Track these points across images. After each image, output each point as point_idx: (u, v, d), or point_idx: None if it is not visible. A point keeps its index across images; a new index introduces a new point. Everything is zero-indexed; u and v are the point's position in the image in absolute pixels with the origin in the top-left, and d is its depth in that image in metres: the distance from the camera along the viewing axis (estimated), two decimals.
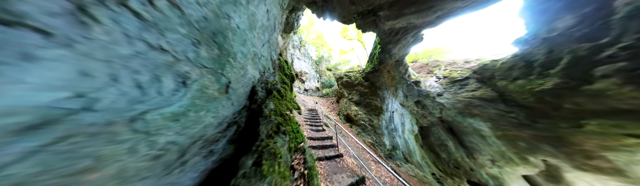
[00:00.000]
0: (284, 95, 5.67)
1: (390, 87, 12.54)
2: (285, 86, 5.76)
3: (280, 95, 5.60)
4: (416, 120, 11.11)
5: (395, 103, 12.46)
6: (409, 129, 11.44)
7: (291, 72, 6.84)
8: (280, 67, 6.27)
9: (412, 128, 11.24)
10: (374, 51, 13.10)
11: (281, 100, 5.63)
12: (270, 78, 4.98)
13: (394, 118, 12.50)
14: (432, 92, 9.52)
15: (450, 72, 8.98)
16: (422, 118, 10.71)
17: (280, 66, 6.24)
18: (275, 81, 5.08)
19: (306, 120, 11.34)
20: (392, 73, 11.75)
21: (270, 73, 5.02)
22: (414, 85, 10.66)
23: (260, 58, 4.51)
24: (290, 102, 6.29)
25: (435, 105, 9.44)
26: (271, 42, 5.35)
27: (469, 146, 7.93)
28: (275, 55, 5.79)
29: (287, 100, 5.79)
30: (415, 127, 11.13)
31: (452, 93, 8.49)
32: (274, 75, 5.29)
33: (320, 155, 6.27)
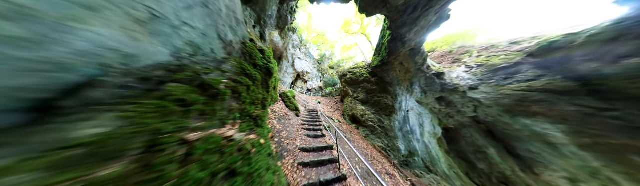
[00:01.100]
0: (242, 94, 3.42)
1: (404, 81, 10.20)
2: (248, 81, 3.54)
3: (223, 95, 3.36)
4: (439, 120, 8.75)
5: (411, 101, 10.11)
6: (429, 131, 9.09)
7: (267, 64, 4.53)
8: (246, 54, 3.96)
9: (434, 130, 8.88)
10: (382, 41, 10.78)
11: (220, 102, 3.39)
12: (209, 65, 2.75)
13: (410, 118, 10.14)
14: (462, 86, 7.19)
15: (488, 58, 6.62)
16: (446, 118, 8.34)
17: (247, 53, 3.94)
18: (212, 70, 2.84)
19: (304, 123, 9.06)
20: (406, 65, 9.43)
21: (212, 58, 2.80)
22: (435, 78, 8.33)
23: (178, 27, 2.30)
24: (254, 105, 4.04)
25: (467, 102, 7.10)
26: (216, 10, 3.12)
27: (526, 157, 5.55)
28: (230, 35, 3.50)
29: (248, 103, 3.56)
30: (437, 128, 8.76)
31: (493, 85, 6.16)
32: (223, 62, 3.07)
33: (314, 179, 3.99)
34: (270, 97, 6.39)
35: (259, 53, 4.95)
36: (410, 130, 10.11)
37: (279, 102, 11.39)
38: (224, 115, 2.70)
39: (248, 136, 3.10)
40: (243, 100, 3.43)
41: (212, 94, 2.46)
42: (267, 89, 5.05)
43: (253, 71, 4.11)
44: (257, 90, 4.21)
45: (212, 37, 3.10)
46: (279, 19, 15.49)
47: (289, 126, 7.99)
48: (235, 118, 3.06)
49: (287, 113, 9.65)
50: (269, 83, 5.11)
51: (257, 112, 3.97)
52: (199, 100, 2.22)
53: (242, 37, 4.49)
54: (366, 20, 16.87)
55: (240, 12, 4.57)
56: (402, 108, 10.56)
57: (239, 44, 4.14)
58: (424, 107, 9.35)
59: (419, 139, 9.56)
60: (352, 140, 10.19)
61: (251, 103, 3.81)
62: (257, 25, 10.73)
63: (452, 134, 8.18)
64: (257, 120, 3.90)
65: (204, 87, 2.37)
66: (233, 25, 4.03)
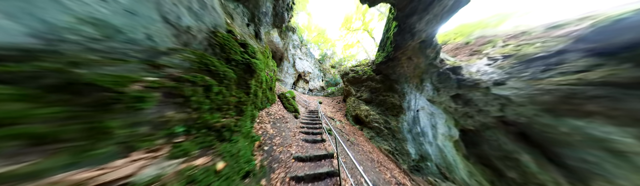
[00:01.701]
0: (192, 98, 2.26)
1: (413, 78, 9.03)
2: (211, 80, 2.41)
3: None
4: (454, 121, 7.56)
5: (421, 100, 8.92)
6: (443, 133, 7.91)
7: (247, 59, 3.34)
8: (215, 46, 2.78)
9: (449, 132, 7.69)
10: (387, 34, 9.62)
11: None
12: (128, 55, 1.63)
13: (420, 118, 8.95)
14: (484, 81, 6.02)
15: (518, 47, 5.43)
16: (464, 119, 7.16)
17: (216, 45, 2.75)
18: (124, 62, 1.71)
19: (303, 125, 7.93)
20: (416, 59, 8.26)
21: (146, 47, 1.69)
22: (450, 73, 7.15)
23: None
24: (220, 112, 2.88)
25: (491, 100, 5.92)
26: None
27: (577, 167, 4.35)
28: (188, 20, 2.30)
29: (207, 110, 2.38)
30: (453, 130, 7.57)
31: (527, 79, 4.98)
32: (165, 54, 1.93)
33: None
34: (256, 100, 5.26)
35: (238, 47, 3.81)
36: (420, 131, 8.92)
37: (277, 103, 10.28)
38: (134, 134, 1.55)
39: (192, 161, 1.96)
40: (195, 107, 2.29)
41: (98, 101, 1.31)
42: (247, 90, 3.90)
43: (222, 67, 2.99)
44: (228, 91, 3.08)
45: (149, 19, 1.96)
46: (275, 17, 14.32)
47: (285, 130, 6.86)
48: (173, 133, 1.92)
49: (284, 115, 8.53)
50: (249, 82, 3.96)
51: (223, 121, 2.83)
52: (40, 115, 1.07)
53: (212, 25, 3.34)
54: (368, 15, 15.76)
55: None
56: (411, 108, 9.38)
57: (203, 33, 3.00)
58: (437, 106, 8.17)
59: (432, 142, 8.37)
60: (356, 143, 9.03)
61: (215, 109, 2.67)
62: (251, 23, 9.64)
63: (471, 136, 6.99)
64: (222, 132, 2.74)
65: (76, 89, 1.22)
66: (194, 8, 2.87)
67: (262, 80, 5.74)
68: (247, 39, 4.94)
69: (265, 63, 8.30)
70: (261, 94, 6.38)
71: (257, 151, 4.44)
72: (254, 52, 4.49)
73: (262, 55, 7.85)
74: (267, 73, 8.65)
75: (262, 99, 7.36)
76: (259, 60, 4.70)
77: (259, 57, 4.85)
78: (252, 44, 4.93)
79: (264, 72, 7.47)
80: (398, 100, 10.06)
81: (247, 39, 5.55)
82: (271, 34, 21.32)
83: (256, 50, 4.87)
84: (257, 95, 5.17)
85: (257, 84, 4.76)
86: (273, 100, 9.61)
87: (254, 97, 4.79)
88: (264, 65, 7.59)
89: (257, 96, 5.26)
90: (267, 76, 8.14)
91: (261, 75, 5.21)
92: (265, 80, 7.64)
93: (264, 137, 5.42)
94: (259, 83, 5.12)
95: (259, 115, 6.94)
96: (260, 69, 4.58)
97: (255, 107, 5.28)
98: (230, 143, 2.81)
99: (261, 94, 6.38)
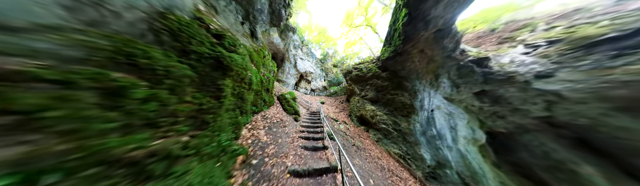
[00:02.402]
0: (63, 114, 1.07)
1: (426, 74, 7.77)
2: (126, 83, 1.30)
3: None
4: (479, 122, 6.30)
5: (436, 98, 7.66)
6: (465, 136, 6.64)
7: (217, 52, 2.01)
8: (167, 32, 1.43)
9: (473, 135, 6.43)
10: (395, 26, 8.39)
11: None
12: None
13: (436, 119, 7.68)
14: (522, 73, 4.77)
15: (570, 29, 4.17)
16: (492, 119, 5.89)
17: (169, 31, 1.41)
18: None
19: (303, 129, 6.71)
20: (429, 52, 7.01)
21: None
22: (473, 66, 5.90)
23: None
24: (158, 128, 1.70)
25: (533, 96, 4.67)
26: None
27: None
28: None
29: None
30: (478, 133, 6.31)
31: (589, 68, 3.73)
32: (20, 33, 0.86)
33: None
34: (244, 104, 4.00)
35: (208, 37, 2.58)
36: (436, 134, 7.64)
37: (276, 105, 9.09)
38: None
39: None
40: (70, 128, 1.09)
41: None
42: (218, 93, 2.65)
43: (167, 61, 1.80)
44: (174, 96, 1.88)
45: None
46: (272, 15, 13.09)
47: (282, 135, 5.65)
48: None
49: (283, 118, 7.33)
50: (220, 83, 2.70)
51: (155, 145, 1.60)
52: None
53: (163, 5, 2.14)
54: (371, 9, 14.55)
55: None
56: (424, 108, 8.12)
57: (138, 12, 1.79)
58: (456, 104, 6.91)
59: (451, 146, 7.09)
60: (362, 148, 7.79)
61: (139, 125, 1.47)
62: (246, 21, 8.45)
63: (503, 141, 5.72)
64: (146, 164, 1.52)
65: None
66: None
67: (250, 81, 4.56)
68: (227, 32, 3.75)
69: (260, 63, 7.13)
70: (252, 97, 5.20)
71: (240, 169, 3.24)
72: (233, 45, 3.26)
73: (256, 54, 6.68)
74: (263, 73, 7.48)
75: (255, 102, 6.18)
76: (240, 55, 3.47)
77: (241, 52, 3.63)
78: (233, 36, 3.74)
79: (258, 72, 6.30)
80: (408, 98, 8.80)
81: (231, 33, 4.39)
82: (271, 34, 20.14)
83: (238, 44, 3.61)
84: (243, 99, 3.96)
85: (239, 85, 3.55)
86: (271, 102, 8.44)
87: (238, 101, 3.58)
88: (257, 64, 6.40)
89: (244, 99, 4.05)
90: (262, 77, 6.97)
91: (246, 74, 4.03)
92: (259, 81, 6.49)
93: (254, 146, 4.21)
94: (245, 84, 3.91)
95: (252, 120, 5.76)
96: (239, 66, 3.35)
97: (242, 113, 4.08)
98: (167, 180, 1.61)
99: (252, 97, 5.20)
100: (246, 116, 4.59)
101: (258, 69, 6.62)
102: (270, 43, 22.92)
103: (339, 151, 3.52)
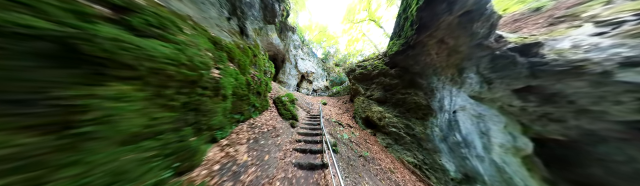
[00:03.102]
0: None
1: (446, 69, 6.33)
2: None
3: None
4: (522, 126, 4.86)
5: (459, 97, 6.22)
6: (503, 144, 5.19)
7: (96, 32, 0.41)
8: None
9: (514, 142, 4.98)
10: (406, 13, 6.98)
11: None
12: None
13: (461, 123, 6.22)
14: (596, 61, 3.33)
15: None
16: (541, 123, 4.45)
17: None
18: None
19: (300, 138, 5.30)
20: (452, 41, 5.58)
21: None
22: (515, 56, 4.46)
23: None
24: None
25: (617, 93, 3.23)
26: None
27: None
28: None
29: None
30: (521, 140, 4.86)
31: None
32: None
33: None
34: (204, 118, 2.57)
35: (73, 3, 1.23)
36: (462, 140, 6.18)
37: (271, 109, 7.73)
38: None
39: None
40: None
41: None
42: (74, 116, 1.26)
43: None
44: None
45: None
46: (265, 10, 11.65)
47: (271, 150, 4.26)
48: None
49: (276, 125, 5.95)
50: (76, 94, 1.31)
51: None
52: None
53: None
54: (374, 3, 13.13)
55: None
56: (444, 109, 6.66)
57: None
58: (487, 104, 5.46)
59: (482, 156, 5.62)
60: (370, 159, 6.37)
61: None
62: (233, 16, 7.09)
63: (559, 151, 4.27)
64: None
65: None
66: None
67: (219, 85, 3.22)
68: (156, 7, 2.36)
69: (247, 62, 5.77)
70: (228, 105, 3.84)
71: None
72: (160, 27, 1.79)
73: (240, 52, 5.29)
74: (253, 75, 6.13)
75: (238, 109, 4.82)
76: (174, 46, 2.03)
77: (182, 41, 2.23)
78: (168, 16, 2.35)
79: (240, 73, 4.95)
80: (424, 98, 7.35)
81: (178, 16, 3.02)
82: (270, 35, 18.84)
83: (173, 27, 2.11)
84: (201, 110, 2.56)
85: (187, 92, 2.15)
86: (264, 107, 7.08)
87: (184, 116, 2.17)
88: (241, 63, 5.03)
89: (205, 111, 2.64)
90: (249, 78, 5.63)
91: (200, 76, 2.66)
92: (244, 83, 5.15)
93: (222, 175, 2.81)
94: (200, 89, 2.50)
95: (234, 132, 4.41)
96: (161, 61, 1.95)
97: (200, 131, 2.66)
98: None
99: (228, 105, 3.84)
100: (212, 133, 3.21)
101: (243, 69, 5.27)
102: (270, 44, 21.56)
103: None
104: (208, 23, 4.74)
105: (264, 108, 7.09)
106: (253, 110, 6.00)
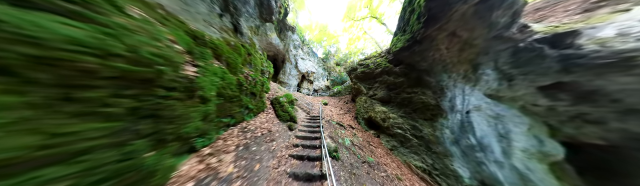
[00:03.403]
0: None
1: (458, 64, 5.71)
2: None
3: None
4: (549, 128, 4.23)
5: (474, 96, 5.59)
6: (526, 149, 4.56)
7: None
8: None
9: (541, 147, 4.35)
10: (412, 5, 6.37)
11: None
12: None
13: (475, 124, 5.59)
14: None
15: None
16: (574, 125, 3.83)
17: None
18: None
19: (297, 142, 4.69)
20: (465, 34, 4.96)
21: None
22: (544, 48, 3.83)
23: None
24: None
25: None
26: None
27: None
28: None
29: None
30: (549, 144, 4.23)
31: None
32: None
33: None
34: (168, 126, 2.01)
35: None
36: (476, 143, 5.55)
37: (268, 111, 7.14)
38: None
39: None
40: None
41: None
42: None
43: None
44: None
45: None
46: (261, 7, 10.99)
47: (263, 157, 3.67)
48: None
49: (272, 128, 5.35)
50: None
51: None
52: None
53: None
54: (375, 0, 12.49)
55: None
56: (455, 109, 6.03)
57: None
58: (507, 104, 4.83)
59: (501, 161, 4.98)
60: (375, 164, 5.76)
61: None
62: (225, 13, 6.49)
63: (598, 157, 3.64)
64: None
65: None
66: None
67: (199, 85, 2.63)
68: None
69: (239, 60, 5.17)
70: (211, 107, 3.26)
71: None
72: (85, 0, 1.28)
73: (229, 49, 4.69)
74: (247, 74, 5.55)
75: (228, 112, 4.24)
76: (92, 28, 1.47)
77: (119, 23, 1.66)
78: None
79: (229, 72, 4.36)
80: (433, 97, 6.72)
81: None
82: (269, 35, 18.23)
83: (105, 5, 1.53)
84: (159, 117, 1.96)
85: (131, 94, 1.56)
86: (261, 108, 6.50)
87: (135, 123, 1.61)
88: (231, 61, 4.43)
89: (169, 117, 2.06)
90: (242, 78, 5.05)
91: (163, 72, 2.07)
92: (235, 83, 4.57)
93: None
94: (162, 90, 1.93)
95: (221, 138, 3.83)
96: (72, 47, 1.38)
97: (162, 143, 2.08)
98: None
99: (211, 107, 3.26)
100: (186, 142, 2.62)
101: (234, 68, 4.68)
102: (269, 44, 20.94)
103: None
104: (191, 17, 4.14)
105: (259, 110, 6.50)
106: (246, 112, 5.41)
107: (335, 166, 4.05)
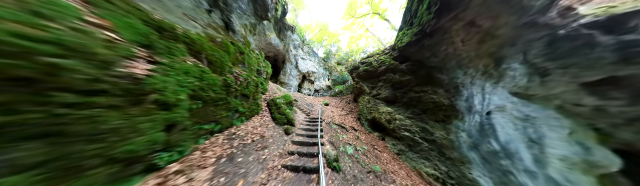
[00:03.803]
0: None
1: (476, 59, 4.94)
2: None
3: None
4: (598, 132, 3.46)
5: (497, 94, 4.81)
6: (566, 157, 3.79)
7: None
8: None
9: (587, 155, 3.57)
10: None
11: None
12: None
13: (498, 127, 4.81)
14: None
15: None
16: (631, 130, 3.06)
17: None
18: None
19: (293, 149, 3.93)
20: (487, 23, 4.20)
21: None
22: (593, 34, 3.08)
23: None
24: None
25: None
26: None
27: None
28: None
29: None
30: (599, 152, 3.46)
31: None
32: None
33: None
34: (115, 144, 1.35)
35: None
36: (500, 149, 4.76)
37: (264, 114, 6.42)
38: None
39: None
40: None
41: None
42: None
43: None
44: None
45: None
46: (255, 3, 10.20)
47: (250, 169, 2.92)
48: None
49: (265, 134, 4.60)
50: None
51: None
52: None
53: None
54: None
55: None
56: (473, 109, 5.24)
57: None
58: (540, 103, 4.06)
59: (534, 171, 4.20)
60: (381, 174, 5.00)
61: None
62: (215, 9, 5.76)
63: None
64: None
65: None
66: None
67: (153, 88, 1.91)
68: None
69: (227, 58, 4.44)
70: (180, 114, 2.53)
71: None
72: None
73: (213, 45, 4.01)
74: (237, 74, 4.83)
75: (213, 117, 3.53)
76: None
77: None
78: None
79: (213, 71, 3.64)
80: (445, 97, 5.94)
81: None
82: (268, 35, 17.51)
83: None
84: (64, 135, 1.30)
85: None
86: (255, 111, 5.78)
87: None
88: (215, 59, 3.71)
89: (87, 134, 1.39)
90: (230, 78, 4.33)
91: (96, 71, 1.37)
92: (222, 84, 3.87)
93: None
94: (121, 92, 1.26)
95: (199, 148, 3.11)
96: None
97: (65, 172, 1.40)
98: None
99: (180, 114, 2.53)
100: (127, 164, 1.89)
101: (220, 68, 3.96)
102: (269, 44, 20.19)
103: None
104: (164, 8, 3.41)
105: (253, 112, 5.76)
106: (236, 116, 4.67)
107: (335, 181, 3.30)
